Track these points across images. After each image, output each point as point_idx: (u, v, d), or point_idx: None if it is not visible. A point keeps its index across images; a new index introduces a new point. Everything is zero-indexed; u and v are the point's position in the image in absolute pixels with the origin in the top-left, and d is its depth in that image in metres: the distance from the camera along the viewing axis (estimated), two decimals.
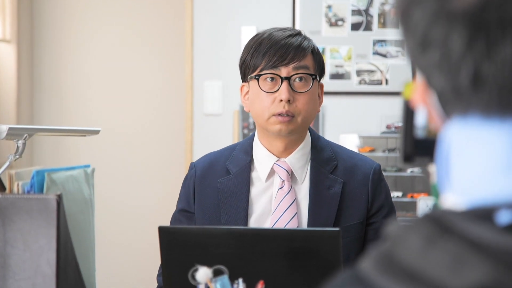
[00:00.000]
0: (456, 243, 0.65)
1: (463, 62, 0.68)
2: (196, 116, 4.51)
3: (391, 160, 4.23)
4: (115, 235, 5.03)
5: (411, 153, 0.82)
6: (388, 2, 4.34)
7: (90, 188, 1.77)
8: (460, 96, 0.70)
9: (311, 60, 2.07)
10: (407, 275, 0.66)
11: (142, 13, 5.04)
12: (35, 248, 1.49)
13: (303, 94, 2.05)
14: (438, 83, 0.71)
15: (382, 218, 2.06)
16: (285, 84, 2.03)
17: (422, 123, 0.81)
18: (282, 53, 2.04)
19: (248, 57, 2.08)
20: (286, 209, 2.05)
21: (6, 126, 1.94)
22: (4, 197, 1.51)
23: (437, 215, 0.68)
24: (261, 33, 2.10)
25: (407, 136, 0.82)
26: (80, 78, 5.10)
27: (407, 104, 0.82)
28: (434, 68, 0.71)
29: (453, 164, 0.72)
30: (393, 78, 4.35)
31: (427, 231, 0.67)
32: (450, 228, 0.66)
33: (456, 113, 0.71)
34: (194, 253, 1.67)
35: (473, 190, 0.69)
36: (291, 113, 2.03)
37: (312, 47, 2.09)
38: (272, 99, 2.04)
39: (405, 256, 0.67)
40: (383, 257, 0.69)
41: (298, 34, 2.10)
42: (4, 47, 4.81)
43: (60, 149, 5.11)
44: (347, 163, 2.11)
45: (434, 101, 0.74)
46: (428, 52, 0.70)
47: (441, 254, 0.65)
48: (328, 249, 1.66)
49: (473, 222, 0.66)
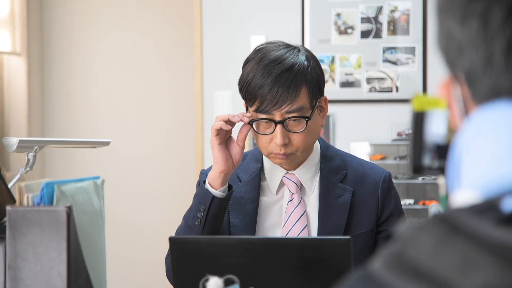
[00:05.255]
0: (464, 243, 0.66)
1: (500, 32, 0.70)
2: (207, 126, 4.51)
3: (402, 167, 4.22)
4: (125, 247, 5.04)
5: (420, 164, 0.82)
6: (397, 9, 4.33)
7: (100, 199, 1.77)
8: (490, 67, 0.71)
9: (305, 95, 1.98)
10: (416, 274, 0.67)
11: (151, 24, 5.05)
12: (46, 261, 1.49)
13: (299, 133, 2.00)
14: (469, 58, 0.73)
15: (392, 226, 2.05)
16: (279, 128, 1.98)
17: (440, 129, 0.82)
18: (273, 97, 1.95)
19: (243, 90, 2.03)
20: (296, 221, 2.05)
21: (17, 139, 1.94)
22: (14, 210, 1.51)
23: (447, 215, 0.69)
24: (255, 60, 2.01)
25: (416, 147, 0.82)
26: (90, 89, 5.12)
27: (416, 115, 0.82)
28: (469, 42, 0.72)
29: (464, 160, 0.72)
30: (403, 85, 4.35)
31: (437, 231, 0.68)
32: (459, 227, 0.67)
33: (483, 92, 0.72)
34: (204, 263, 1.67)
35: (481, 180, 0.70)
36: (289, 153, 2.01)
37: (306, 74, 1.98)
38: (269, 139, 2.01)
39: (415, 255, 0.68)
40: (393, 256, 0.69)
41: (291, 66, 1.97)
42: (14, 60, 4.83)
43: (71, 161, 5.12)
44: (357, 171, 2.11)
45: (457, 94, 0.76)
46: (466, 24, 0.72)
47: (451, 254, 0.66)
48: (339, 258, 1.66)
49: (479, 217, 0.66)
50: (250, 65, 2.02)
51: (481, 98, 0.73)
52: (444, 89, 0.78)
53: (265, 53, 2.01)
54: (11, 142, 1.94)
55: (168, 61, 5.06)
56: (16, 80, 4.84)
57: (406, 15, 4.32)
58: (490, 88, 0.72)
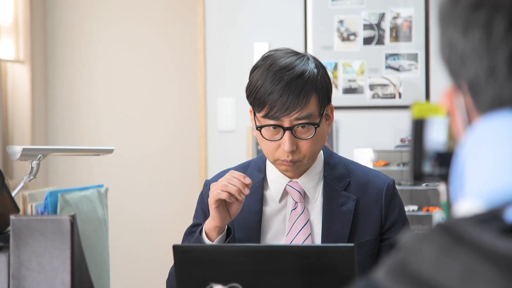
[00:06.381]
0: (467, 253, 0.66)
1: (503, 42, 0.70)
2: (210, 133, 4.51)
3: (405, 173, 4.21)
4: (129, 255, 5.03)
5: (420, 171, 0.83)
6: (399, 16, 4.34)
7: (104, 208, 1.77)
8: (493, 78, 0.71)
9: (314, 103, 1.99)
10: (420, 284, 0.67)
11: (154, 31, 5.06)
12: (49, 270, 1.49)
13: (307, 140, 1.99)
14: (473, 68, 0.73)
15: (395, 233, 2.04)
16: (287, 134, 1.97)
17: (440, 136, 0.82)
18: (283, 103, 1.95)
19: (251, 96, 2.02)
20: (300, 230, 2.05)
21: (20, 147, 1.94)
22: (18, 219, 1.51)
23: (450, 224, 0.69)
24: (264, 67, 2.00)
25: (417, 154, 0.82)
26: (93, 97, 5.12)
27: (416, 122, 0.83)
28: (472, 52, 0.73)
29: (468, 170, 0.72)
30: (406, 91, 4.35)
31: (440, 241, 0.68)
32: (462, 237, 0.67)
33: (486, 102, 0.72)
34: (208, 271, 1.67)
35: (484, 190, 0.70)
36: (296, 160, 2.01)
37: (315, 82, 1.99)
38: (276, 146, 2.00)
39: (418, 265, 0.68)
40: (397, 266, 0.70)
41: (302, 73, 1.97)
42: (18, 68, 4.84)
43: (75, 168, 5.12)
44: (361, 179, 2.11)
45: (461, 103, 0.76)
46: (469, 34, 0.73)
47: (454, 264, 0.66)
48: (343, 265, 1.66)
49: (482, 227, 0.66)
50: (259, 71, 2.01)
51: (484, 108, 0.73)
52: (447, 98, 0.78)
53: (274, 59, 2.00)
54: (14, 150, 1.95)
55: (172, 68, 5.06)
56: (20, 88, 4.84)
57: (409, 22, 4.33)
58: (493, 98, 0.72)
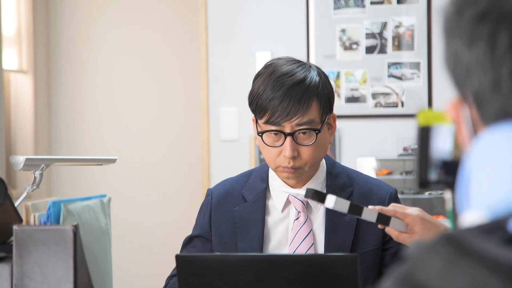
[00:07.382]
0: (472, 264, 0.66)
1: (507, 55, 0.71)
2: (213, 142, 4.51)
3: (408, 182, 4.21)
4: (132, 265, 5.03)
5: (426, 178, 0.83)
6: (401, 25, 4.34)
7: (107, 217, 1.77)
8: (498, 90, 0.72)
9: (316, 109, 2.00)
10: None
11: (157, 41, 5.07)
12: (52, 280, 1.49)
13: (308, 146, 2.00)
14: (477, 80, 0.73)
15: (398, 243, 2.04)
16: (288, 140, 1.98)
17: (446, 144, 0.82)
18: (284, 108, 1.96)
19: (253, 103, 2.03)
20: (302, 240, 2.05)
21: (23, 157, 1.95)
22: (21, 229, 1.51)
23: (455, 235, 0.69)
24: (266, 74, 2.02)
25: (422, 162, 0.83)
26: (96, 107, 5.13)
27: (422, 130, 0.83)
28: (477, 64, 0.73)
29: (473, 181, 0.72)
30: (408, 100, 4.35)
31: (446, 252, 0.68)
32: (466, 248, 0.67)
33: (491, 114, 0.73)
34: (211, 281, 1.67)
35: (488, 200, 0.70)
36: (297, 166, 2.01)
37: (317, 88, 2.01)
38: (278, 152, 2.00)
39: (424, 276, 0.68)
40: (403, 277, 0.70)
41: (303, 79, 1.99)
42: (21, 78, 4.85)
43: (78, 178, 5.13)
44: (363, 188, 2.11)
45: (466, 115, 0.76)
46: (474, 47, 0.73)
47: (459, 275, 0.66)
48: (346, 275, 1.65)
49: (486, 237, 0.66)
50: (261, 79, 2.02)
51: (489, 119, 0.74)
52: (453, 109, 0.79)
53: (276, 67, 2.02)
54: (18, 160, 1.95)
55: (174, 78, 5.07)
56: (23, 98, 4.85)
57: (411, 31, 4.33)
58: (498, 110, 0.72)
